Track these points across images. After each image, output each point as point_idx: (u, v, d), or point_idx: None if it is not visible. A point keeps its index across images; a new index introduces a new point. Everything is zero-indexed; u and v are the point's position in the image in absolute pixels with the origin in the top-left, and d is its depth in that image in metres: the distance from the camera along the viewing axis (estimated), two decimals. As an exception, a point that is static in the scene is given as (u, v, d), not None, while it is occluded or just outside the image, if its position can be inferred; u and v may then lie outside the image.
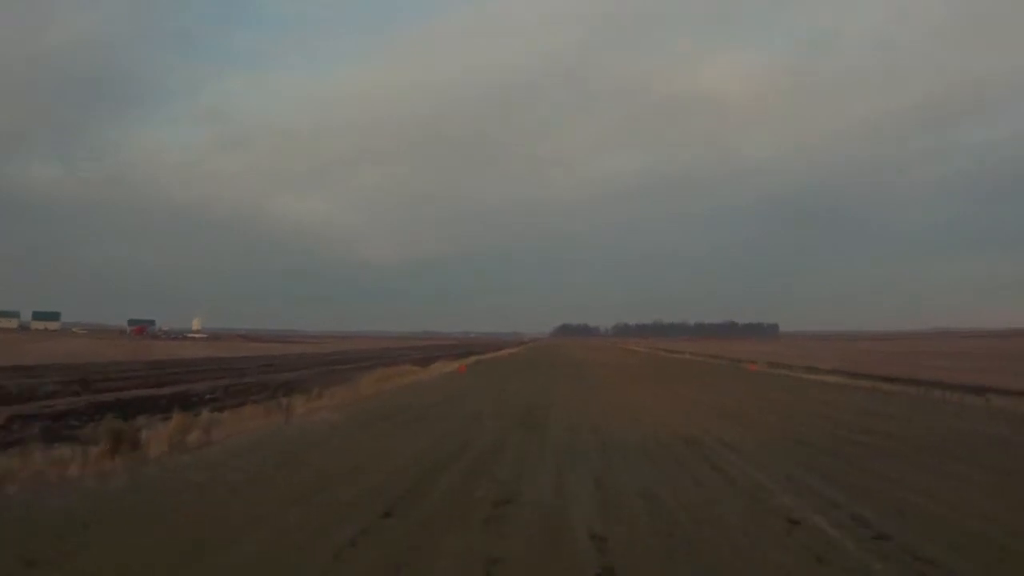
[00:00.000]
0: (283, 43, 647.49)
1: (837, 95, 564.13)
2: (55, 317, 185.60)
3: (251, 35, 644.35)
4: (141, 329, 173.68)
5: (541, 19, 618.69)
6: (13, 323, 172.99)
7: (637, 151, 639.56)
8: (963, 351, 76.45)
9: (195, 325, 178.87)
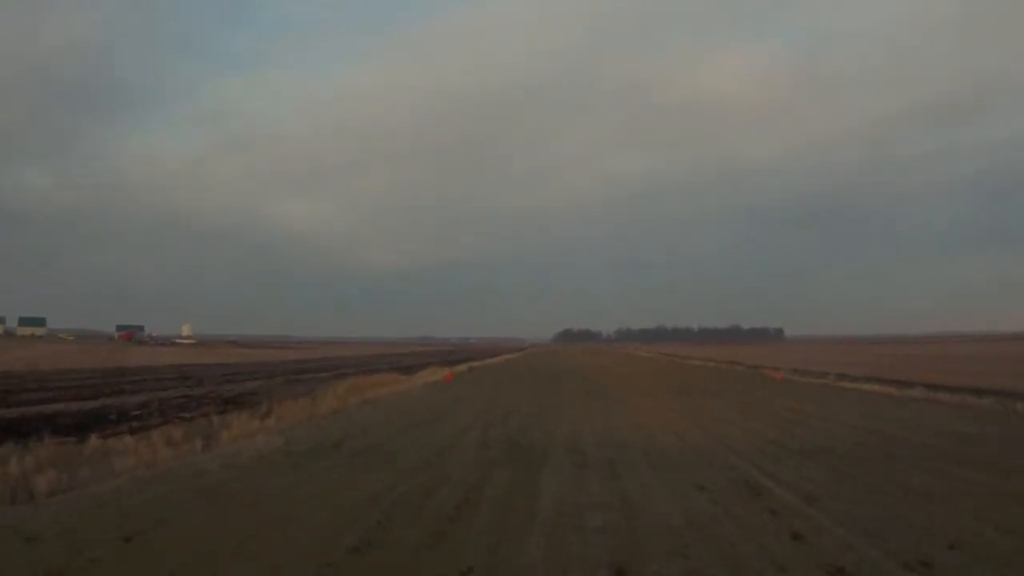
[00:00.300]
0: (281, 43, 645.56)
1: (841, 95, 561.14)
2: (41, 323, 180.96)
3: (248, 36, 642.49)
4: (129, 335, 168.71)
5: (541, 19, 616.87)
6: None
7: (639, 153, 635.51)
8: (990, 354, 71.53)
9: (185, 331, 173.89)
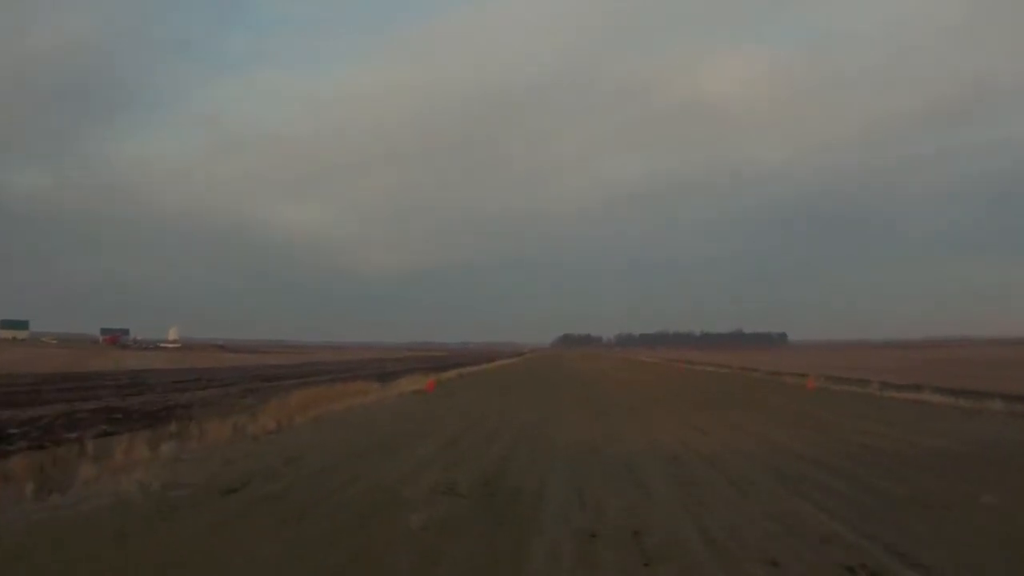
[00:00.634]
0: (281, 43, 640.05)
1: (844, 97, 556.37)
2: (24, 326, 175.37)
3: (247, 36, 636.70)
4: (114, 339, 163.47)
5: (541, 20, 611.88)
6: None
7: (640, 155, 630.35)
8: (1018, 359, 66.14)
9: (171, 335, 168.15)
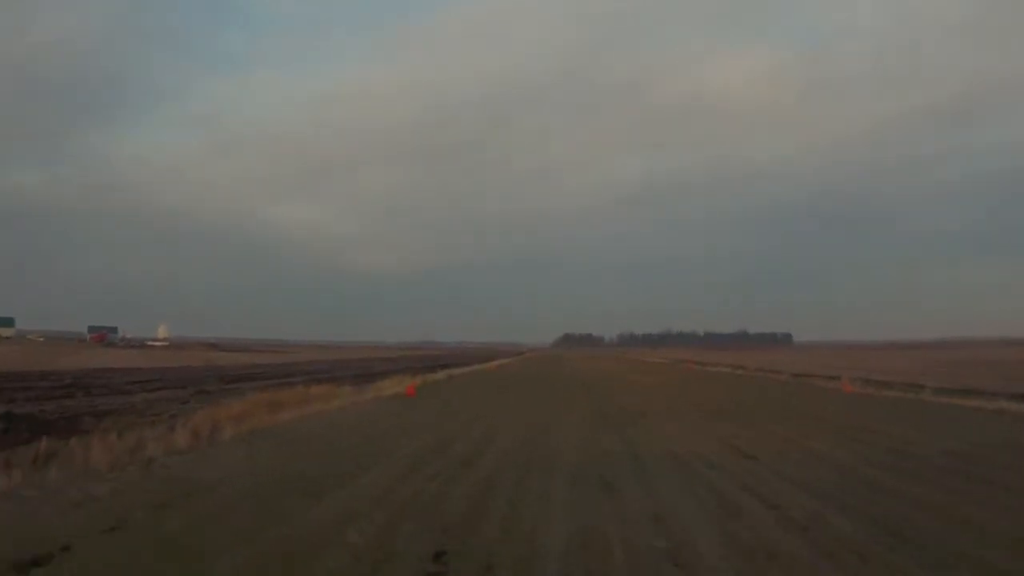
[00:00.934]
0: (279, 43, 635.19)
1: (847, 96, 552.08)
2: (9, 323, 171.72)
3: (244, 35, 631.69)
4: (101, 336, 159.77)
5: (542, 19, 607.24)
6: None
7: (641, 155, 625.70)
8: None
9: (161, 333, 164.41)
